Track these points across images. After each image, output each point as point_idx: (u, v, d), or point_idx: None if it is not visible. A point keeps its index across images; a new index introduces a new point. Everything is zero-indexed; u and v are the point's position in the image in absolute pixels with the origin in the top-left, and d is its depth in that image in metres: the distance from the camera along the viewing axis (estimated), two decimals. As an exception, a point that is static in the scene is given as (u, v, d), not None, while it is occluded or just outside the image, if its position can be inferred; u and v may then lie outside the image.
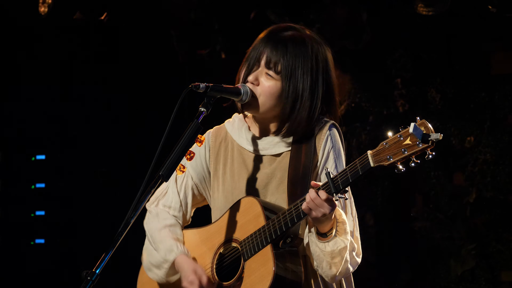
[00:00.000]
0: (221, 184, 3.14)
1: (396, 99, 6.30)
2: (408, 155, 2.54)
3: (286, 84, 2.96)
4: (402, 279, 6.21)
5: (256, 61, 3.01)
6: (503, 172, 5.94)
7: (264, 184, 3.04)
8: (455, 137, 6.13)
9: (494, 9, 5.44)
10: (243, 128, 3.13)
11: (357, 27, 5.91)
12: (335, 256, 2.82)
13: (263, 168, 3.06)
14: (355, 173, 2.68)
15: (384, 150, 2.59)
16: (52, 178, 6.71)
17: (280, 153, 3.05)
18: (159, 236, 3.17)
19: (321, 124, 3.02)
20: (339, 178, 2.71)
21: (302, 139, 3.00)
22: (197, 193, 3.24)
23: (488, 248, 5.97)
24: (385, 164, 2.59)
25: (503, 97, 6.00)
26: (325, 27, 5.95)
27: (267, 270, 2.87)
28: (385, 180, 6.29)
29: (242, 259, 2.97)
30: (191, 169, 3.22)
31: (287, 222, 2.85)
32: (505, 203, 5.94)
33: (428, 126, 2.52)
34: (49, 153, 6.74)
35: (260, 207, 2.95)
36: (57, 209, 6.68)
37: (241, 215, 3.02)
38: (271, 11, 6.05)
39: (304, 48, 2.98)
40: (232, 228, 3.04)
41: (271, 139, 3.06)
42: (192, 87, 2.89)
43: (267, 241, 2.89)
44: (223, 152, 3.17)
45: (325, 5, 5.94)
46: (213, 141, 3.20)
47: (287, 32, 3.02)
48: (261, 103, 3.00)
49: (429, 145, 2.51)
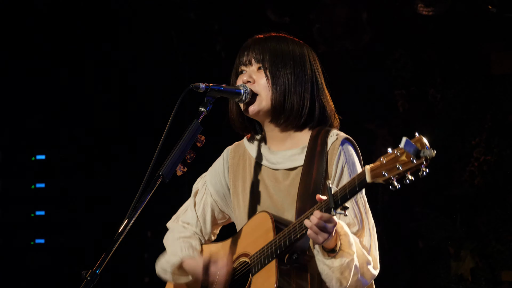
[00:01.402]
0: (242, 200, 3.14)
1: (396, 99, 6.30)
2: (403, 172, 2.49)
3: (275, 74, 3.00)
4: (402, 279, 6.21)
5: (243, 64, 3.07)
6: (503, 172, 5.94)
7: (281, 200, 3.04)
8: (455, 137, 6.13)
9: (494, 9, 5.44)
10: (260, 143, 3.14)
11: (357, 27, 5.91)
12: (344, 270, 2.80)
13: (278, 183, 3.05)
14: (353, 189, 2.65)
15: (381, 165, 2.55)
16: (52, 178, 6.71)
17: (294, 167, 3.03)
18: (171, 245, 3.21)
19: (334, 139, 3.00)
20: (339, 193, 2.68)
21: (314, 153, 2.98)
22: (217, 210, 3.25)
23: (488, 248, 5.97)
24: (381, 181, 2.55)
25: (503, 97, 6.00)
26: (325, 27, 5.95)
27: (270, 285, 2.86)
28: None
29: (250, 274, 2.97)
30: (210, 187, 3.24)
31: (291, 238, 2.83)
32: (505, 203, 5.95)
33: (423, 142, 2.45)
34: (49, 153, 6.74)
35: (271, 222, 2.93)
36: (57, 209, 6.68)
37: (254, 230, 3.01)
38: (271, 11, 6.05)
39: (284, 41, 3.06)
40: (246, 243, 3.04)
41: (285, 153, 3.06)
42: (192, 87, 2.90)
43: (272, 256, 2.88)
44: (241, 168, 3.17)
45: (325, 5, 5.94)
46: (232, 158, 3.21)
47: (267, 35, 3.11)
48: (263, 98, 3.01)
49: (422, 162, 2.45)
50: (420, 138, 2.46)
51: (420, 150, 2.45)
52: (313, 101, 3.03)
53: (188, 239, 3.20)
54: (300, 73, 3.02)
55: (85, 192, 6.62)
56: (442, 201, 6.17)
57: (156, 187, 2.78)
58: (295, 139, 3.07)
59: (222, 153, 3.28)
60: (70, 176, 6.67)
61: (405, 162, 2.48)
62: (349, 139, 3.03)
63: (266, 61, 3.01)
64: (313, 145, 3.00)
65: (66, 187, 6.67)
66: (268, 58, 3.01)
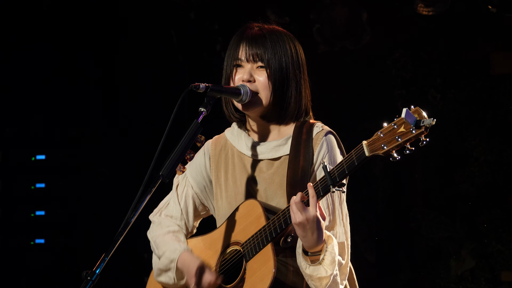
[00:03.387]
0: (224, 191, 3.14)
1: (396, 99, 6.30)
2: (403, 142, 2.53)
3: (274, 69, 3.00)
4: (402, 279, 6.21)
5: (237, 60, 3.06)
6: (503, 172, 5.94)
7: (264, 188, 3.05)
8: (455, 137, 6.13)
9: (494, 9, 5.43)
10: (242, 135, 3.15)
11: (357, 27, 5.91)
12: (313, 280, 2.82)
13: (262, 172, 3.06)
14: (351, 164, 2.66)
15: (379, 139, 2.58)
16: (52, 178, 6.71)
17: (278, 157, 3.05)
18: (162, 241, 3.19)
19: (319, 130, 3.03)
20: (336, 170, 2.70)
21: (300, 141, 3.01)
22: (198, 202, 3.25)
23: (488, 248, 5.97)
24: (380, 153, 2.57)
25: (503, 97, 6.00)
26: (325, 27, 5.95)
27: (268, 268, 2.86)
28: (385, 180, 6.29)
29: (244, 260, 2.97)
30: (191, 179, 3.24)
31: (286, 220, 2.84)
32: (505, 203, 5.95)
33: (422, 113, 2.52)
34: (49, 153, 6.73)
35: (261, 208, 2.95)
36: (57, 209, 6.68)
37: (243, 218, 3.02)
38: (271, 11, 6.05)
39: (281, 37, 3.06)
40: (234, 232, 3.04)
41: (269, 144, 3.07)
42: (192, 87, 2.90)
43: (267, 240, 2.89)
44: (223, 160, 3.18)
45: (325, 5, 5.94)
46: (213, 149, 3.21)
47: (257, 28, 3.11)
48: (263, 97, 3.02)
49: (423, 131, 2.50)
50: (418, 109, 2.54)
51: (420, 120, 2.50)
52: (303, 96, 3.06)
53: (177, 234, 3.20)
54: (296, 70, 3.04)
55: (85, 192, 6.62)
56: (442, 201, 6.17)
57: (156, 187, 2.78)
58: (279, 130, 3.09)
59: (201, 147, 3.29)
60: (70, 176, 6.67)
61: (404, 133, 2.53)
62: (332, 132, 3.05)
63: (268, 60, 3.01)
64: (298, 134, 3.03)
65: (66, 187, 6.67)
66: (269, 57, 3.01)
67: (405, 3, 5.94)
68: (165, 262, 3.15)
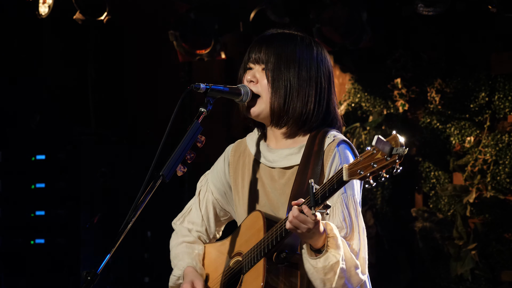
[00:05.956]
0: (241, 198, 3.13)
1: (396, 99, 6.30)
2: (377, 170, 2.49)
3: (276, 78, 2.97)
4: (402, 279, 6.21)
5: (251, 61, 3.04)
6: (503, 172, 5.94)
7: (276, 198, 3.03)
8: (455, 137, 6.13)
9: (494, 9, 5.43)
10: (261, 141, 3.13)
11: (357, 27, 5.91)
12: (327, 272, 2.78)
13: (274, 181, 3.04)
14: (331, 188, 2.65)
15: (358, 163, 2.55)
16: (52, 178, 6.71)
17: (290, 166, 3.02)
18: (175, 252, 3.22)
19: (331, 140, 2.98)
20: (320, 192, 2.68)
21: (311, 153, 2.97)
22: (219, 208, 3.25)
23: (488, 248, 5.97)
24: (357, 178, 2.55)
25: (503, 97, 6.00)
26: (325, 27, 5.95)
27: (257, 284, 2.85)
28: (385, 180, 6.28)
29: (241, 273, 2.98)
30: (211, 185, 3.24)
31: (277, 236, 2.83)
32: (505, 203, 5.94)
33: (398, 140, 2.44)
34: (49, 153, 6.73)
35: (262, 221, 2.93)
36: (57, 209, 6.67)
37: (248, 229, 3.01)
38: (271, 11, 6.05)
39: (293, 41, 3.01)
40: (240, 242, 3.04)
41: (281, 152, 3.04)
42: (192, 87, 2.90)
43: (260, 255, 2.88)
44: (241, 165, 3.16)
45: (325, 5, 5.94)
46: (232, 155, 3.20)
47: (275, 31, 3.07)
48: (264, 100, 3.00)
49: (395, 160, 2.45)
50: (395, 136, 2.46)
51: (393, 148, 2.44)
52: (316, 103, 2.99)
53: (192, 244, 3.21)
54: (305, 76, 2.97)
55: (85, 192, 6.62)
56: (442, 201, 6.17)
57: (156, 187, 2.78)
58: (295, 138, 3.05)
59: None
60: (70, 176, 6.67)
61: (380, 160, 2.48)
62: (346, 141, 3.00)
63: (269, 63, 2.98)
64: (310, 145, 2.99)
65: (66, 187, 6.67)
66: (271, 60, 2.98)
67: (405, 3, 5.94)
68: (173, 279, 3.18)
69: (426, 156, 6.23)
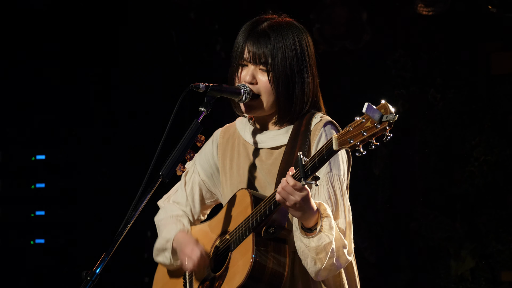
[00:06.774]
0: (229, 179, 3.15)
1: (396, 99, 6.30)
2: (367, 137, 2.50)
3: (277, 72, 2.97)
4: (402, 279, 6.21)
5: (242, 60, 3.04)
6: (503, 172, 5.94)
7: (264, 177, 3.05)
8: (455, 137, 6.13)
9: (494, 9, 5.43)
10: (248, 123, 3.15)
11: (357, 27, 5.91)
12: (319, 252, 2.79)
13: (262, 161, 3.06)
14: (321, 158, 2.66)
15: (347, 133, 2.57)
16: (52, 178, 6.71)
17: (277, 146, 3.04)
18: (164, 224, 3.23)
19: (317, 120, 3.01)
20: (309, 163, 2.69)
21: (298, 133, 2.99)
22: (205, 190, 3.27)
23: (488, 248, 5.97)
24: (347, 147, 2.57)
25: (503, 97, 5.99)
26: (325, 27, 5.95)
27: (247, 259, 2.86)
28: (385, 180, 6.29)
29: (229, 250, 2.98)
30: (199, 166, 3.25)
31: (266, 211, 2.84)
32: (505, 203, 5.94)
33: (388, 108, 2.47)
34: (49, 153, 6.73)
35: (249, 198, 2.95)
36: (57, 209, 6.68)
37: (235, 207, 3.03)
38: (271, 11, 6.05)
39: (287, 33, 3.04)
40: (227, 221, 3.05)
41: (269, 132, 3.07)
42: (192, 87, 2.90)
43: (249, 230, 2.89)
44: (230, 148, 3.18)
45: (325, 5, 5.94)
46: (222, 137, 3.22)
47: (264, 24, 3.09)
48: (265, 100, 3.01)
49: (385, 127, 2.46)
50: (384, 104, 2.48)
51: (383, 115, 2.46)
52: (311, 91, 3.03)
53: (180, 218, 3.22)
54: (303, 68, 3.00)
55: (85, 192, 6.62)
56: (442, 201, 6.17)
57: (156, 187, 2.79)
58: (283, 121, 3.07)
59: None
60: (70, 176, 6.67)
61: (370, 127, 2.50)
62: (332, 122, 3.03)
63: (271, 64, 2.98)
64: (298, 125, 3.01)
65: (66, 187, 6.67)
66: (272, 61, 2.98)
67: (405, 3, 5.94)
68: (161, 242, 3.18)
69: (426, 156, 6.23)
